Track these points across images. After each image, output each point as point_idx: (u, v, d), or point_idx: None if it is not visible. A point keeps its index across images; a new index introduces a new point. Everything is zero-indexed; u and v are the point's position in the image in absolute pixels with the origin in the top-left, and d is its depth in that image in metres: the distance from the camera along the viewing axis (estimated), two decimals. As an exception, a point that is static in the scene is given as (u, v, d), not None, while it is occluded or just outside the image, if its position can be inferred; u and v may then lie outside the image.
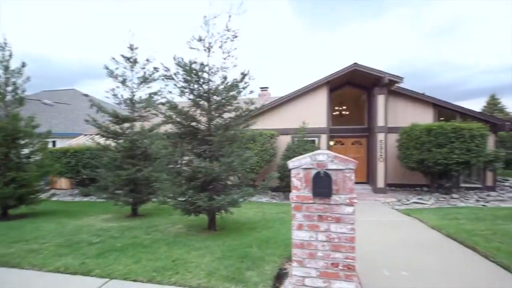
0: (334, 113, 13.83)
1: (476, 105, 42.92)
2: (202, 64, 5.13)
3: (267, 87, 18.33)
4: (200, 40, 5.21)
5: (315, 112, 11.21)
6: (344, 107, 13.99)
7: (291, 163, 2.79)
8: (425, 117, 11.13)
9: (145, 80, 7.28)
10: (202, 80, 5.24)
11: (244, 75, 5.08)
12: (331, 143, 12.75)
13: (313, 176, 2.69)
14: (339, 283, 2.64)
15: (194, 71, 4.98)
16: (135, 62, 7.21)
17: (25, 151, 7.58)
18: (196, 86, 5.31)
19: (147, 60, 7.35)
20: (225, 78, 5.09)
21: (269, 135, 10.20)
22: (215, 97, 5.29)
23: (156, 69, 7.16)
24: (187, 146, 5.23)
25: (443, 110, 11.25)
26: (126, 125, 7.31)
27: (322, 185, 2.66)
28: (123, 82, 7.22)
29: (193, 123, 5.31)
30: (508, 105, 31.95)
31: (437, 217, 6.06)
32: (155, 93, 7.28)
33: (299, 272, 2.73)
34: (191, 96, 5.40)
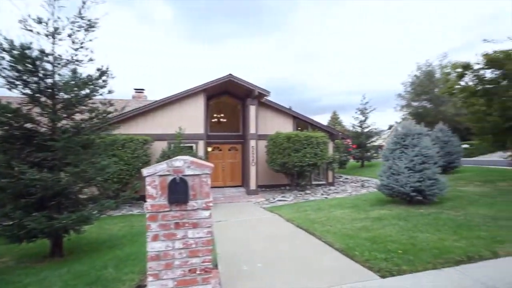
0: (213, 120, 14.25)
1: (325, 118, 55.02)
2: (42, 51, 4.16)
3: (143, 89, 16.90)
4: (40, 22, 4.22)
5: (193, 118, 11.20)
6: (222, 115, 14.66)
7: (146, 171, 2.61)
8: (287, 126, 13.13)
9: None
10: (43, 72, 4.24)
11: (102, 72, 4.45)
12: (209, 149, 13.06)
13: (169, 182, 2.60)
14: (196, 289, 2.64)
15: (29, 59, 3.95)
16: None
17: None
18: (35, 78, 4.25)
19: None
20: (74, 71, 4.30)
21: (141, 141, 9.39)
22: (62, 94, 4.38)
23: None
24: (16, 153, 4.06)
25: (300, 121, 13.61)
26: None
27: (179, 191, 2.62)
28: None
29: (28, 125, 4.20)
30: (344, 119, 42.33)
31: (292, 211, 7.17)
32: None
33: (155, 286, 2.56)
34: (27, 91, 4.28)
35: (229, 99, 14.07)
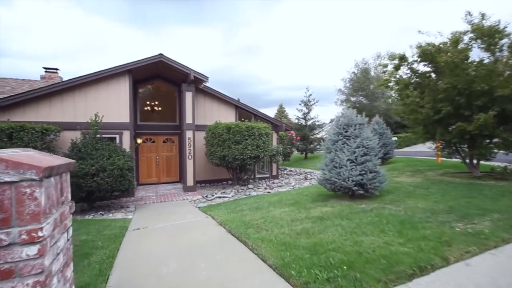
0: (145, 108, 12.43)
1: (273, 112, 55.76)
2: None
3: (56, 69, 13.87)
4: None
5: (115, 105, 9.37)
6: (156, 102, 12.91)
7: None
8: (229, 117, 12.11)
9: None
10: None
11: None
12: (139, 140, 11.32)
13: None
14: None
15: None
16: None
17: None
18: None
19: None
20: None
21: (39, 130, 7.35)
22: None
23: None
24: None
25: (243, 111, 12.71)
26: None
27: (-36, 216, 1.37)
28: None
29: None
30: (290, 113, 43.22)
31: (228, 212, 6.22)
32: None
33: None
34: None
35: (164, 84, 12.44)
